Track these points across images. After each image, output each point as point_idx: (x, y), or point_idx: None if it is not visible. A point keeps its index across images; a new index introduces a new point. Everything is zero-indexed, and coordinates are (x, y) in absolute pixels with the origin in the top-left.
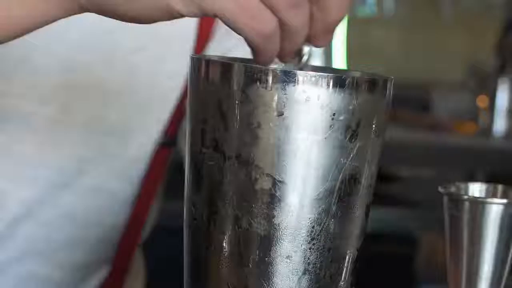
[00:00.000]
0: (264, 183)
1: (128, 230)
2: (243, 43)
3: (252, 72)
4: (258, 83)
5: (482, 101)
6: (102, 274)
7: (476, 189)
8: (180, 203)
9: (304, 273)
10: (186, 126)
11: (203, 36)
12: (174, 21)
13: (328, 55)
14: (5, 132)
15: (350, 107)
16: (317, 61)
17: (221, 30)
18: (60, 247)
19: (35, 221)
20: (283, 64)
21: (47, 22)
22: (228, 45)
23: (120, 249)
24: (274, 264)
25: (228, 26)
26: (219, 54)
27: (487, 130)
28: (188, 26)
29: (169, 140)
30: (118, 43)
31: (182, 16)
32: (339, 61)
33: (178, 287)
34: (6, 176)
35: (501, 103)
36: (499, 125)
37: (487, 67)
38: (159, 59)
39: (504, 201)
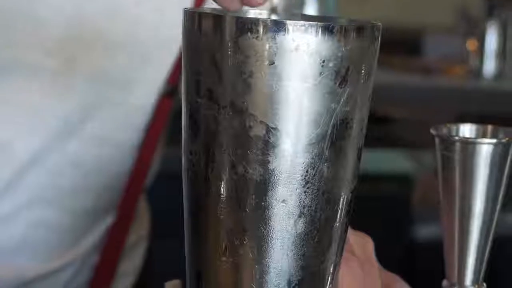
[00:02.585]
0: (258, 130)
1: (132, 177)
2: None
3: (243, 23)
4: (249, 34)
5: (471, 44)
6: (108, 220)
7: (466, 129)
8: (180, 150)
9: (299, 216)
10: (182, 76)
11: None
12: None
13: (321, 2)
14: (11, 83)
15: (339, 54)
16: (310, 9)
17: None
18: (67, 194)
19: (42, 169)
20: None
21: None
22: None
23: (125, 196)
24: (270, 208)
25: None
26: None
27: (477, 72)
28: None
29: (170, 89)
30: None
31: None
32: (331, 7)
33: (180, 231)
34: (13, 125)
35: (490, 46)
36: (488, 67)
37: (476, 11)
38: (160, 10)
39: (494, 140)
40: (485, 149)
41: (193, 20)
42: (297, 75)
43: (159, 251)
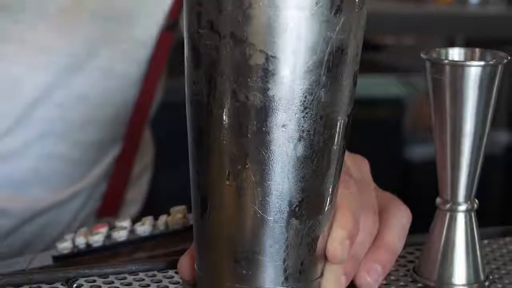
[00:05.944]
0: (258, 59)
1: (137, 109)
2: None
3: None
4: None
5: None
6: (114, 151)
7: (455, 53)
8: (183, 81)
9: (299, 140)
10: (184, 9)
11: None
12: None
13: None
14: (20, 22)
15: None
16: None
17: None
18: (75, 127)
19: (51, 103)
20: None
21: None
22: None
23: (130, 127)
24: (271, 133)
25: None
26: None
27: None
28: None
29: (171, 23)
30: None
31: None
32: None
33: (184, 158)
34: (22, 62)
35: None
36: None
37: None
38: None
39: (482, 63)
40: (474, 71)
41: None
42: (294, 5)
43: (165, 178)
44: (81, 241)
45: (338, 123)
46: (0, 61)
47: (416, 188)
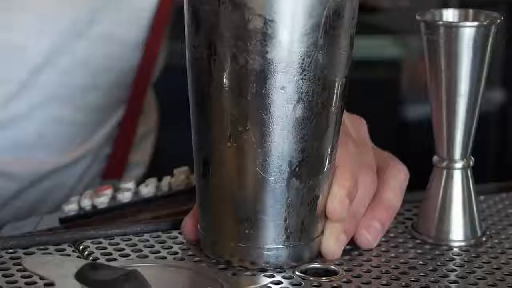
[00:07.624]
0: (257, 23)
1: (139, 72)
2: None
3: None
4: None
5: None
6: (118, 114)
7: (449, 14)
8: (183, 45)
9: (298, 102)
10: None
11: None
12: None
13: None
14: None
15: None
16: None
17: None
18: (78, 92)
19: (54, 69)
20: None
21: None
22: None
23: (133, 91)
24: (270, 95)
25: None
26: None
27: None
28: None
29: None
30: None
31: None
32: None
33: (186, 120)
34: (26, 29)
35: None
36: None
37: None
38: None
39: (476, 23)
40: (468, 32)
41: None
42: None
43: (168, 141)
44: (86, 203)
45: (336, 85)
46: (3, 29)
47: (413, 146)
